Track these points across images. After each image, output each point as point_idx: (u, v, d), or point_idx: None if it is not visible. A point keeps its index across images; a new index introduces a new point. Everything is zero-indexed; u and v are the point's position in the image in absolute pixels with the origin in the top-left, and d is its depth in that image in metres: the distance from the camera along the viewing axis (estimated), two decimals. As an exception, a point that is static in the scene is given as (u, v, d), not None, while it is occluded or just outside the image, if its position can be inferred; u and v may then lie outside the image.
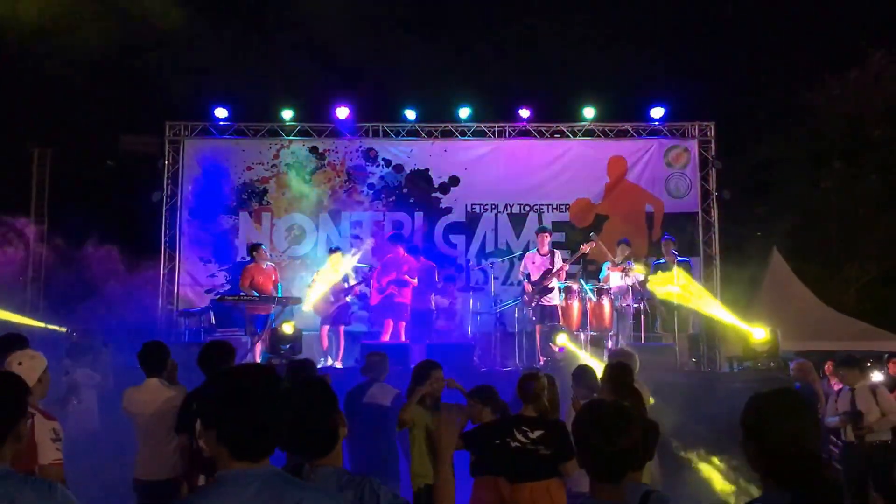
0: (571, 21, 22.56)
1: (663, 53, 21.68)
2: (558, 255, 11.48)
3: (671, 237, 12.39)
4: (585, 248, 11.35)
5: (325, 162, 14.68)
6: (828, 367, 12.84)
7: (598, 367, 6.82)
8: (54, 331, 11.51)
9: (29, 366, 4.34)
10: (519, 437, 5.51)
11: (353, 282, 11.68)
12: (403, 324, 11.60)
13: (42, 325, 11.52)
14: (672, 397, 7.60)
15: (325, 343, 11.58)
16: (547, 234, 11.56)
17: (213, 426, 2.27)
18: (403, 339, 11.40)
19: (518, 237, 14.27)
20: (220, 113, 14.60)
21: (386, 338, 11.41)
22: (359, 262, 12.22)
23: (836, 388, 11.96)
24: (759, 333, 10.90)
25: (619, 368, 5.76)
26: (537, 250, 11.48)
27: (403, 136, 14.78)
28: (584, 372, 6.76)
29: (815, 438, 2.52)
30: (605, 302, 11.03)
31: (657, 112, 14.52)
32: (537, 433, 5.50)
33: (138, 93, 19.28)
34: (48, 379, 4.51)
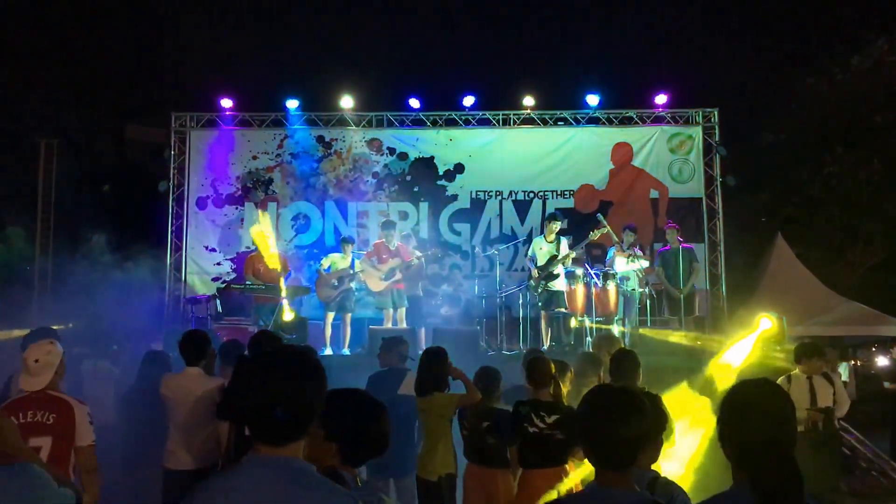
0: (574, 9, 22.55)
1: (666, 40, 21.67)
2: (564, 242, 11.51)
3: (676, 224, 12.42)
4: (596, 236, 11.32)
5: (331, 151, 14.75)
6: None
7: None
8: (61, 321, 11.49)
9: (46, 361, 4.49)
10: (537, 422, 5.49)
11: (358, 268, 11.71)
12: (404, 309, 11.67)
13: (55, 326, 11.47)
14: (677, 382, 7.63)
15: (330, 331, 11.65)
16: (557, 221, 11.55)
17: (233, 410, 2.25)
18: (405, 324, 11.46)
19: (523, 223, 14.33)
20: (226, 103, 14.68)
21: (389, 324, 11.47)
22: (357, 249, 12.28)
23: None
24: (765, 324, 10.91)
25: (624, 355, 5.74)
26: (544, 237, 11.50)
27: (408, 124, 14.83)
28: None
29: (786, 428, 2.48)
30: (611, 287, 11.02)
31: (661, 99, 14.57)
32: (553, 418, 5.48)
33: (144, 84, 19.34)
34: (64, 369, 4.65)
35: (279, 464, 2.16)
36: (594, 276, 11.16)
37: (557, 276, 11.16)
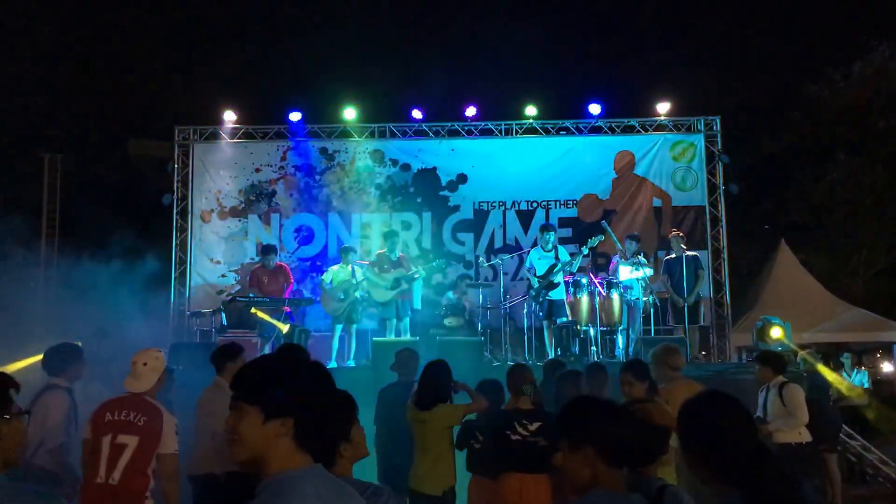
0: (576, 19, 22.61)
1: (668, 48, 21.72)
2: (563, 250, 11.52)
3: (680, 232, 12.40)
4: (595, 243, 11.31)
5: (334, 163, 14.77)
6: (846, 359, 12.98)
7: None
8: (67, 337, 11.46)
9: (153, 366, 4.96)
10: (520, 430, 5.53)
11: (360, 276, 11.68)
12: (408, 319, 11.68)
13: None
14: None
15: (337, 343, 11.64)
16: (551, 231, 11.57)
17: (289, 417, 2.03)
18: (408, 335, 11.47)
19: (526, 233, 14.31)
20: (229, 116, 14.70)
21: (391, 335, 11.46)
22: (359, 259, 12.28)
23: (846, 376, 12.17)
24: (776, 333, 10.92)
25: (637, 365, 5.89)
26: (542, 246, 11.51)
27: (411, 135, 14.84)
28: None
29: (752, 433, 2.51)
30: (615, 296, 10.97)
31: (663, 107, 14.55)
32: (536, 425, 5.53)
33: (147, 98, 19.40)
34: (165, 378, 5.10)
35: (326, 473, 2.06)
36: (598, 284, 11.12)
37: (558, 284, 11.14)
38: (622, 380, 5.68)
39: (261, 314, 11.02)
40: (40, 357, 6.19)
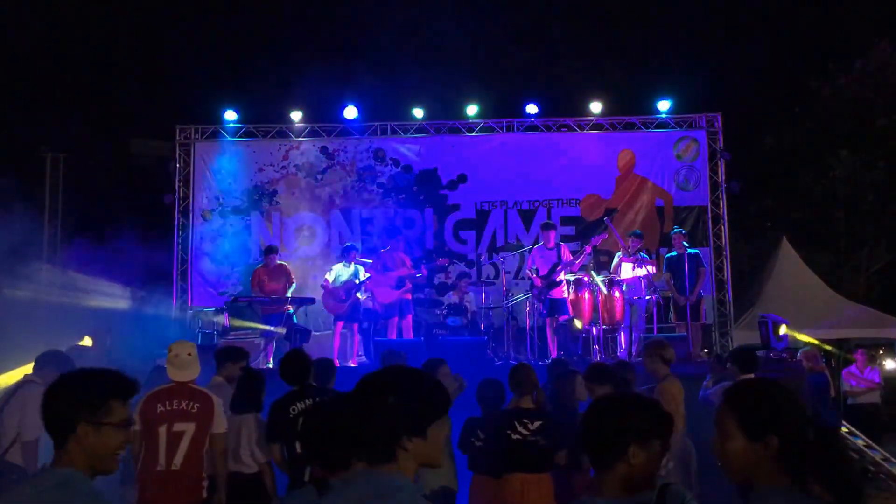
0: (576, 16, 22.59)
1: (669, 45, 21.69)
2: (565, 248, 11.50)
3: (682, 230, 12.37)
4: (597, 241, 11.29)
5: (335, 162, 14.75)
6: (859, 355, 12.98)
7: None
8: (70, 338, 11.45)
9: (195, 355, 5.38)
10: (520, 429, 5.55)
11: (363, 277, 11.67)
12: (410, 317, 11.68)
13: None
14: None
15: (339, 342, 11.63)
16: (552, 230, 11.56)
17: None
18: (412, 335, 11.47)
19: (528, 232, 14.28)
20: (230, 115, 14.68)
21: (394, 334, 11.46)
22: (362, 258, 12.28)
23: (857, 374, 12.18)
24: (782, 330, 10.90)
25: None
26: (544, 244, 11.49)
27: (412, 134, 14.83)
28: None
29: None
30: (617, 294, 10.90)
31: (664, 105, 14.49)
32: (536, 424, 5.54)
33: (149, 97, 19.40)
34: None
35: (370, 480, 2.19)
36: (600, 283, 11.09)
37: (560, 283, 11.12)
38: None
39: (242, 322, 11.02)
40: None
